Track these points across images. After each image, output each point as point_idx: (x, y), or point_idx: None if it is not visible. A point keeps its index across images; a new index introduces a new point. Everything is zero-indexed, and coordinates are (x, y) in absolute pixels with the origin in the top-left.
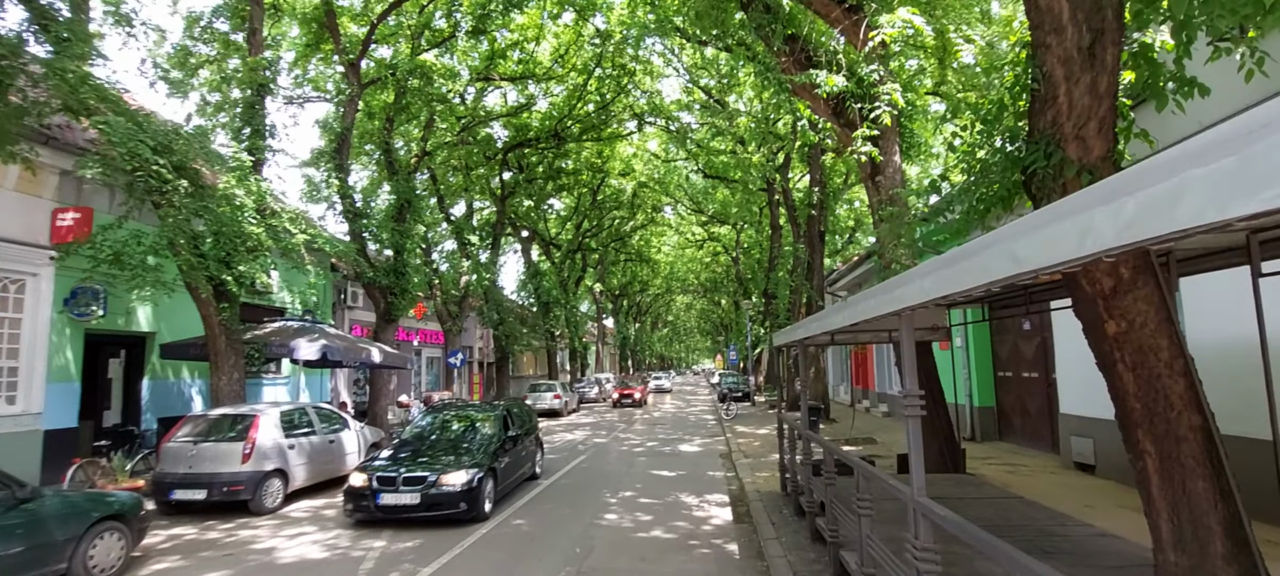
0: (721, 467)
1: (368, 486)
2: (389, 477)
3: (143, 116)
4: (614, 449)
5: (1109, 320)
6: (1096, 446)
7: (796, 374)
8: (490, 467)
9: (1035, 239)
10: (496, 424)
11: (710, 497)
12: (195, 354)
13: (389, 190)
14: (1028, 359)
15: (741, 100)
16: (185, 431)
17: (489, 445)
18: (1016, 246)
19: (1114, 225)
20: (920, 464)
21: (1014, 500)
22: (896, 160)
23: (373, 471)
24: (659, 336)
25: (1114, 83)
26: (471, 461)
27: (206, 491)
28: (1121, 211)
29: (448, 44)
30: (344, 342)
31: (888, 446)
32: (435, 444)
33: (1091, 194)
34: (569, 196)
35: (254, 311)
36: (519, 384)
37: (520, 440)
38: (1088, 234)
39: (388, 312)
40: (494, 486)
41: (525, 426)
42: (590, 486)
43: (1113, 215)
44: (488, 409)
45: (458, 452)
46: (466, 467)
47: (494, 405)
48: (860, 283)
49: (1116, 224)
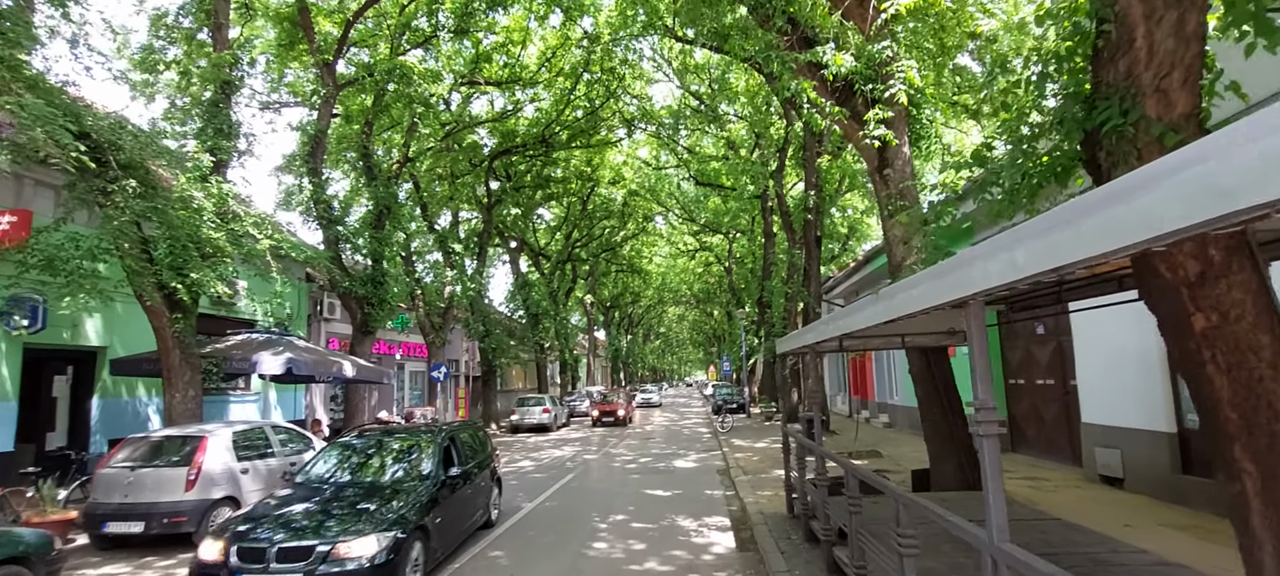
0: (720, 485)
1: (222, 562)
2: (255, 549)
3: (70, 101)
4: (604, 465)
5: (1196, 313)
6: (1125, 458)
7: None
8: (419, 525)
9: (1129, 211)
10: (434, 458)
11: (710, 520)
12: (148, 370)
13: (367, 196)
14: (1042, 365)
15: (732, 108)
16: (123, 455)
17: (418, 492)
18: (1111, 217)
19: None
20: (999, 497)
21: (1051, 522)
22: (906, 152)
23: (233, 537)
24: (651, 348)
25: (1202, 23)
26: (389, 518)
27: (144, 523)
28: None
29: (430, 45)
30: (313, 356)
31: (895, 459)
32: (340, 491)
33: (1211, 146)
34: (558, 206)
35: (218, 324)
36: (507, 398)
37: (470, 478)
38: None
39: (365, 324)
40: (425, 553)
41: (478, 457)
42: (578, 509)
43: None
44: (424, 436)
45: (371, 503)
46: (379, 527)
47: (433, 430)
48: (856, 290)
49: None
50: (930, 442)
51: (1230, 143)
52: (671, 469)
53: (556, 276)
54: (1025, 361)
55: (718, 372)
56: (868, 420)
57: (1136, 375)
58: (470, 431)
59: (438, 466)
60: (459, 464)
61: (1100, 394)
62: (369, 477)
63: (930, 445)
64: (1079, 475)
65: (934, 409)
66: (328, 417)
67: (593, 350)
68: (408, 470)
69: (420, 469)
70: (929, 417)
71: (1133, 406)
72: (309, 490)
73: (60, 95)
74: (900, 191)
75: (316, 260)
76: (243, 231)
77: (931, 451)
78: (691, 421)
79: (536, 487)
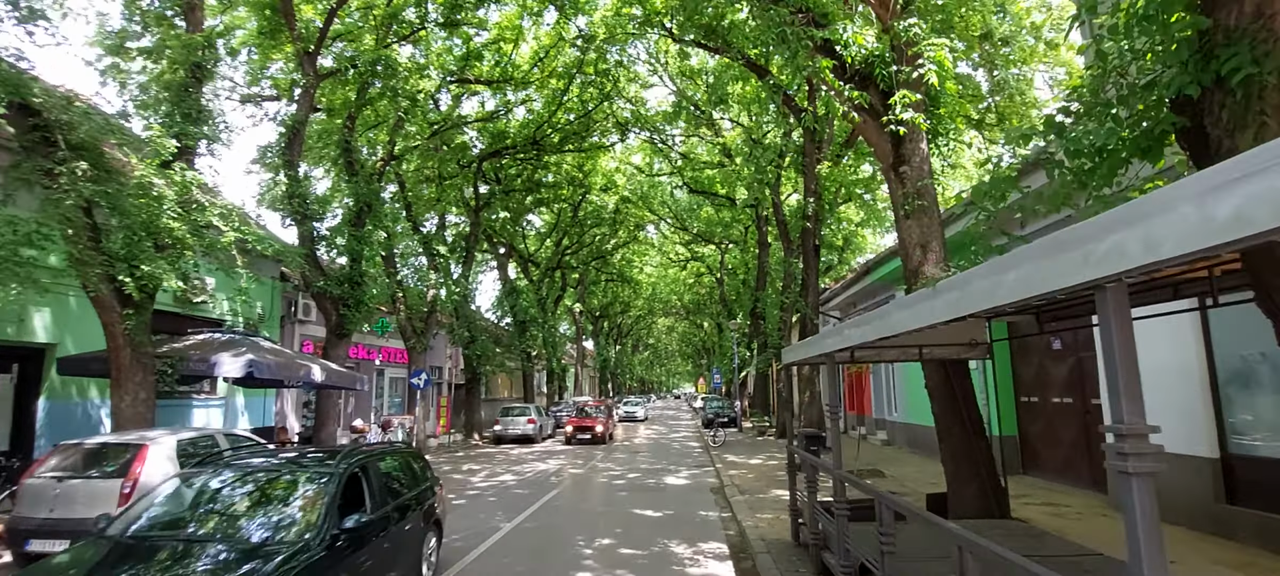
0: (715, 505)
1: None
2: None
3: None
4: (591, 481)
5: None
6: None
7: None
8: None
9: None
10: (325, 504)
11: (706, 547)
12: (97, 370)
13: (348, 193)
14: (1058, 382)
15: (726, 117)
16: (52, 464)
17: (290, 563)
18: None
19: None
20: (1156, 558)
21: (1094, 558)
22: (924, 148)
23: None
24: (640, 359)
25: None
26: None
27: (71, 541)
28: None
29: (417, 38)
30: (279, 359)
31: (899, 480)
32: (168, 561)
33: None
34: (548, 212)
35: (184, 322)
36: (492, 407)
37: (388, 526)
38: None
39: (340, 326)
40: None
41: (403, 496)
42: (560, 532)
43: None
44: (314, 469)
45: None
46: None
47: (333, 459)
48: (854, 302)
49: None
50: (948, 464)
51: None
52: (662, 486)
53: (546, 283)
54: (1039, 378)
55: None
56: (864, 437)
57: (1174, 394)
58: (398, 459)
59: (327, 517)
60: (372, 507)
61: None
62: (218, 534)
63: (948, 467)
64: (1102, 502)
65: (954, 427)
66: (300, 425)
67: (581, 360)
68: (282, 523)
69: (302, 521)
70: (948, 437)
71: (1169, 429)
72: (120, 555)
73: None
74: (918, 190)
75: (287, 256)
76: (206, 222)
77: (949, 473)
78: (681, 435)
79: (516, 505)
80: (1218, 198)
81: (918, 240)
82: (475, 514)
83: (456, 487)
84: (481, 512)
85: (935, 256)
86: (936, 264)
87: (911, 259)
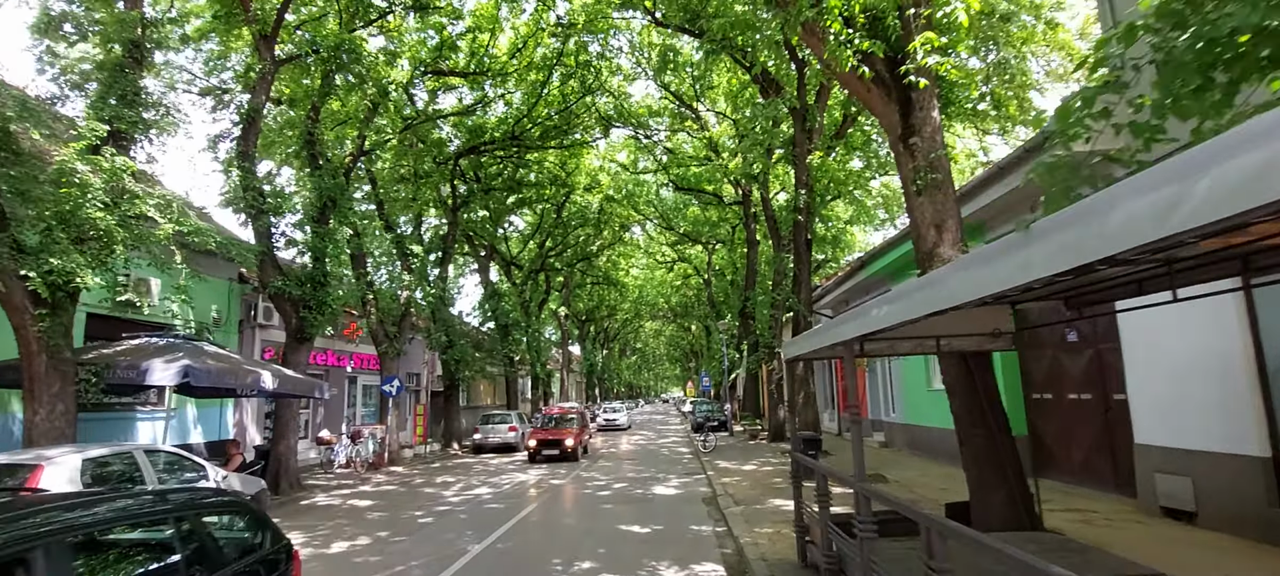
0: (708, 519)
1: None
2: None
3: None
4: (573, 493)
5: None
6: (1197, 488)
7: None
8: None
9: None
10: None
11: (699, 570)
12: (10, 379)
13: (311, 187)
14: (1075, 377)
15: (712, 110)
16: None
17: None
18: None
19: None
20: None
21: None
22: (935, 117)
23: None
24: (627, 364)
25: None
26: None
27: None
28: None
29: (387, 27)
30: (222, 365)
31: (904, 485)
32: None
33: None
34: (531, 212)
35: (125, 327)
36: (473, 415)
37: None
38: None
39: (300, 330)
40: None
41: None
42: (535, 554)
43: None
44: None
45: None
46: None
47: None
48: (847, 299)
49: None
50: (971, 469)
51: None
52: (650, 496)
53: (529, 286)
54: (1052, 374)
55: (696, 389)
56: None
57: (1214, 387)
58: (220, 513)
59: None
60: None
61: (1162, 410)
62: None
63: (970, 472)
64: (1132, 506)
65: (976, 428)
66: (261, 437)
67: (566, 365)
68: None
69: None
70: (970, 439)
71: (1209, 425)
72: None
73: None
74: (931, 162)
75: (236, 251)
76: (138, 213)
77: (972, 480)
78: (670, 440)
79: (489, 522)
80: None
81: (931, 219)
82: (442, 534)
83: (425, 503)
84: (449, 532)
85: (952, 237)
86: (953, 245)
87: (925, 240)
